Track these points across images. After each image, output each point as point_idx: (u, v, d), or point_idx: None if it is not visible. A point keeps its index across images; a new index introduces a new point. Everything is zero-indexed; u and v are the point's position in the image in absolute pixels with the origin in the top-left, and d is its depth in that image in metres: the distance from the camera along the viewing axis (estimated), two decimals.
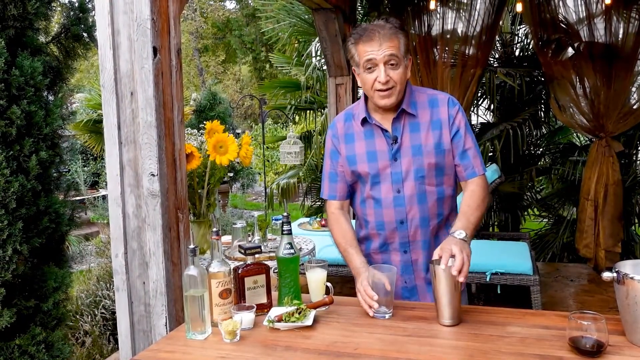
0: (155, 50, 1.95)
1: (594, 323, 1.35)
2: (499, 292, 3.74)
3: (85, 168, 9.34)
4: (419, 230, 1.89)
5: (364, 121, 1.92)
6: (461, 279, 1.56)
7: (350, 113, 2.00)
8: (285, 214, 1.79)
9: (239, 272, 1.70)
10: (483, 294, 4.13)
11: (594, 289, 4.33)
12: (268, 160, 11.56)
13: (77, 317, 3.80)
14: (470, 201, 1.86)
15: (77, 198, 7.43)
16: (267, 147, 10.58)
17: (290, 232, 1.78)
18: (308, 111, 7.51)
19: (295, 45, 7.09)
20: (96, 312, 3.83)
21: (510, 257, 3.69)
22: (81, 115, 8.02)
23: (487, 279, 3.56)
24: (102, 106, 2.03)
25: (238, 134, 11.68)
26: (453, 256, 1.59)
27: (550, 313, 1.67)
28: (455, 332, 1.54)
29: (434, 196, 1.88)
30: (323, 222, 4.57)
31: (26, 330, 2.19)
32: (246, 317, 1.59)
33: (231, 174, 8.79)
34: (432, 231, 1.91)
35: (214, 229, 1.67)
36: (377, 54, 1.77)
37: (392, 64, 1.78)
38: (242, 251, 1.77)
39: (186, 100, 8.97)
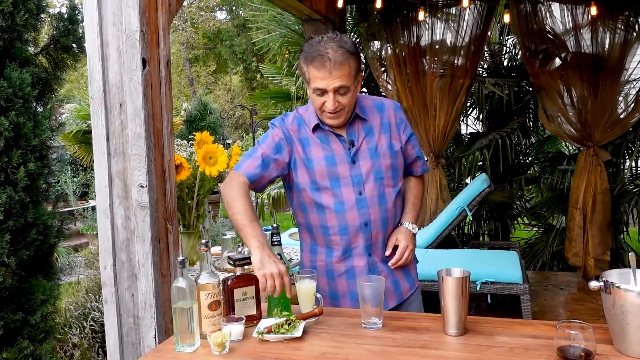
0: (144, 62, 1.95)
1: (582, 332, 1.36)
2: (489, 301, 3.75)
3: (74, 179, 9.27)
4: (381, 231, 1.94)
5: (316, 127, 1.91)
6: (391, 265, 1.93)
7: (299, 118, 1.95)
8: (274, 225, 1.79)
9: (228, 283, 1.70)
10: (474, 303, 4.14)
11: (584, 298, 4.35)
12: None
13: (66, 329, 3.76)
14: (416, 191, 2.08)
15: (66, 209, 7.39)
16: None
17: (279, 243, 1.78)
18: None
19: (286, 55, 7.10)
20: (85, 325, 3.79)
21: (501, 266, 3.70)
22: (71, 126, 7.97)
23: (478, 289, 3.57)
24: (91, 117, 2.02)
25: (229, 144, 11.67)
26: (397, 247, 1.93)
27: (539, 322, 1.67)
28: (444, 342, 1.55)
29: (391, 197, 1.94)
30: None
31: (13, 344, 2.17)
32: (235, 329, 1.58)
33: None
34: (390, 232, 1.98)
35: (203, 240, 1.67)
36: (326, 83, 1.76)
37: (341, 92, 1.79)
38: (232, 262, 1.76)
39: (177, 111, 8.95)
